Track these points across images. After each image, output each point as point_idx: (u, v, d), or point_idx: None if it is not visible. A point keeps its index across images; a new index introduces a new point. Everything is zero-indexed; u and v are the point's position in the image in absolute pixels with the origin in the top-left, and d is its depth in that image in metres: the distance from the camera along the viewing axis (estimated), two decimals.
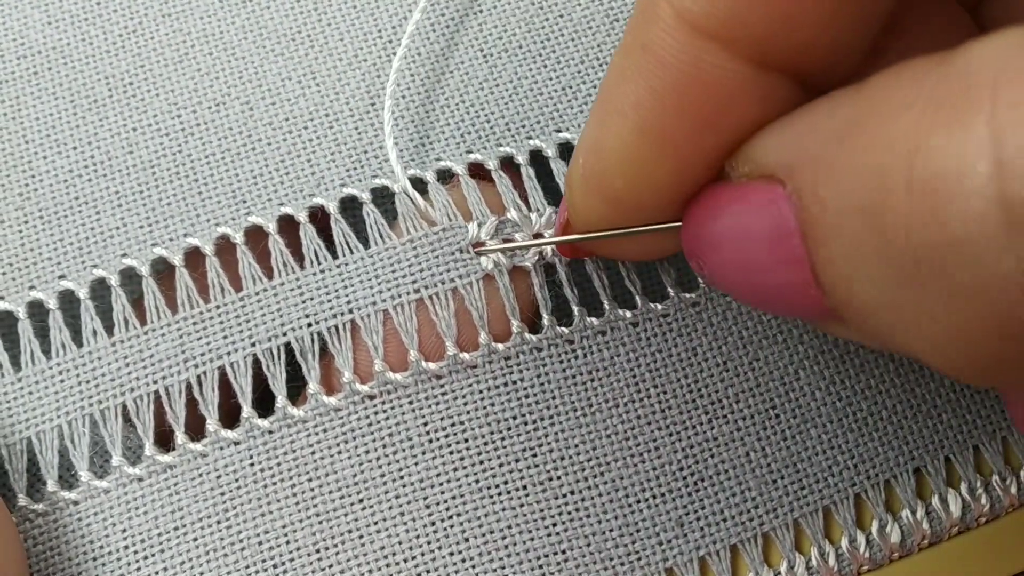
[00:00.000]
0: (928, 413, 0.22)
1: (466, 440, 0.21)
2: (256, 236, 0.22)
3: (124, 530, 0.20)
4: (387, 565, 0.20)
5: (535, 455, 0.21)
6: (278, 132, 0.22)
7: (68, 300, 0.21)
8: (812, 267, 0.14)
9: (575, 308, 0.21)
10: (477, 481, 0.20)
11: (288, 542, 0.20)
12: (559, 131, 0.23)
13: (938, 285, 0.12)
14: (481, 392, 0.21)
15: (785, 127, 0.15)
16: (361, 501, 0.20)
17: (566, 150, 0.23)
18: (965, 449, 0.22)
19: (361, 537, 0.20)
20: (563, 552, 0.20)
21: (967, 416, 0.22)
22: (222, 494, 0.20)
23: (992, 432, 0.22)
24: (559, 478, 0.21)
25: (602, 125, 0.17)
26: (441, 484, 0.20)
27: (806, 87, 0.16)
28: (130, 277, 0.21)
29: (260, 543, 0.20)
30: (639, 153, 0.17)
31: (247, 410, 0.20)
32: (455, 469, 0.20)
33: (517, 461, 0.21)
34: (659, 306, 0.22)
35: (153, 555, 0.20)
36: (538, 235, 0.22)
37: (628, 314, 0.22)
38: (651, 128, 0.16)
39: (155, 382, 0.21)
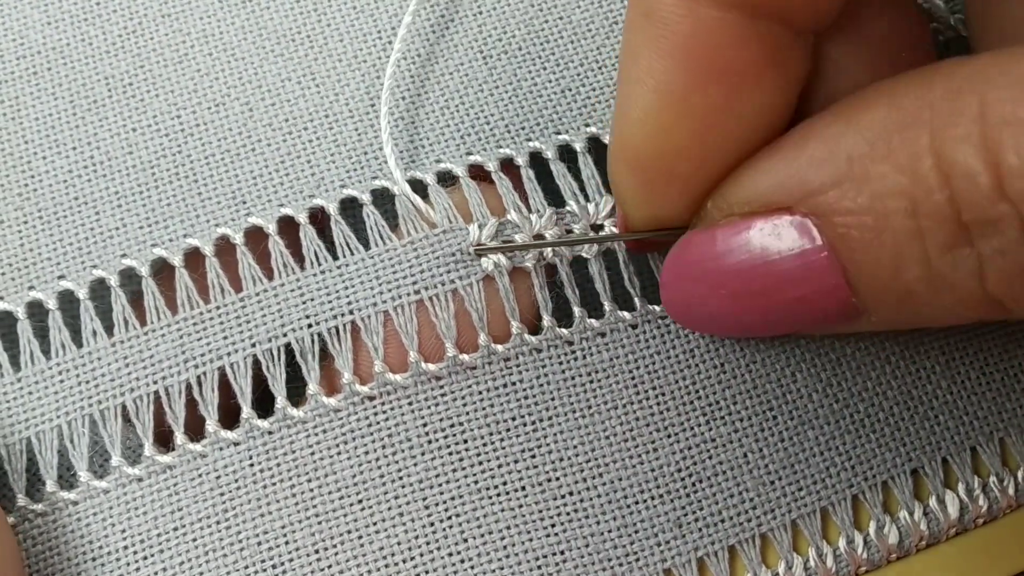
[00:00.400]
0: (925, 415, 0.22)
1: (465, 441, 0.21)
2: (256, 237, 0.22)
3: (123, 530, 0.20)
4: (386, 566, 0.20)
5: (534, 456, 0.21)
6: (278, 133, 0.23)
7: (68, 300, 0.21)
8: (844, 271, 0.17)
9: (576, 309, 0.21)
10: (476, 482, 0.20)
11: (287, 543, 0.20)
12: (559, 133, 0.23)
13: (981, 246, 0.15)
14: (480, 393, 0.21)
15: (776, 164, 0.17)
16: (360, 502, 0.20)
17: (566, 152, 0.23)
18: (963, 450, 0.22)
19: (360, 538, 0.20)
20: (562, 553, 0.20)
21: (964, 417, 0.22)
22: (221, 494, 0.20)
23: (990, 433, 0.22)
24: (558, 479, 0.21)
25: (622, 96, 0.18)
26: (440, 485, 0.20)
27: (798, 33, 0.18)
28: (130, 277, 0.21)
29: (259, 543, 0.20)
30: (659, 116, 0.18)
31: (247, 411, 0.21)
32: (454, 470, 0.20)
33: (516, 462, 0.21)
34: (658, 308, 0.22)
35: (152, 555, 0.20)
36: (538, 236, 0.22)
37: (627, 315, 0.22)
38: (665, 87, 0.18)
39: (155, 382, 0.21)
